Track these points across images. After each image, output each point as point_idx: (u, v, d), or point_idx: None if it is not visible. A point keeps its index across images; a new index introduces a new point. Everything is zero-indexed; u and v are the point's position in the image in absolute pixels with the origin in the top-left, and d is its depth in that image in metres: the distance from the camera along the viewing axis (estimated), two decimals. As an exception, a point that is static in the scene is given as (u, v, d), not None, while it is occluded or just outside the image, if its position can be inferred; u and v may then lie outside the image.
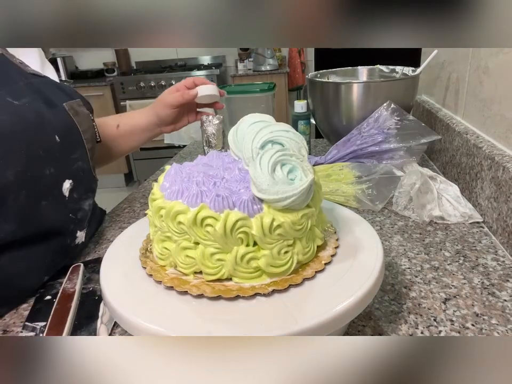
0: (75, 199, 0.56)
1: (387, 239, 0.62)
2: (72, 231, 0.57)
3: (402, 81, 0.90)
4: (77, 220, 0.58)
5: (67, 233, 0.56)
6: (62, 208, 0.54)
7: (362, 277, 0.37)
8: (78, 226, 0.58)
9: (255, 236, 0.36)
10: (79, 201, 0.57)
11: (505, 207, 0.57)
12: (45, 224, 0.52)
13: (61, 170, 0.54)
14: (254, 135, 0.41)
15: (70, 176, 0.55)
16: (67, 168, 0.55)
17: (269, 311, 0.34)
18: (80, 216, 0.58)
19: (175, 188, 0.39)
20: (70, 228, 0.57)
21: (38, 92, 0.54)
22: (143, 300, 0.37)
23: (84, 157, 0.58)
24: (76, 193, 0.56)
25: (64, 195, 0.54)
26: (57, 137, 0.52)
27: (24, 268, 0.51)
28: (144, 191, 0.91)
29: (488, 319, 0.44)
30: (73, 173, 0.56)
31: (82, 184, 0.58)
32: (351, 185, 0.73)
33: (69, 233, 0.57)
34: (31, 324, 0.46)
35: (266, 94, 0.98)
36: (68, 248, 0.57)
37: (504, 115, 0.63)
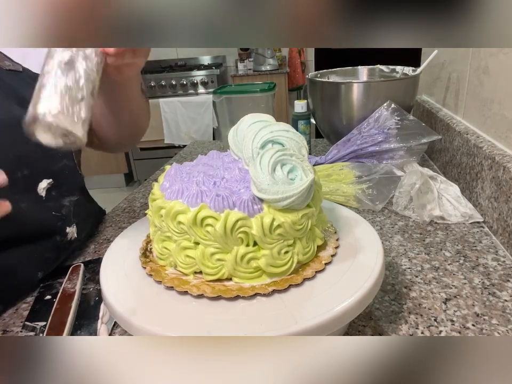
0: (54, 197, 0.56)
1: (387, 239, 0.62)
2: (60, 227, 0.57)
3: (403, 81, 0.90)
4: (63, 216, 0.57)
5: (55, 230, 0.56)
6: (42, 207, 0.54)
7: (362, 277, 0.37)
8: (65, 222, 0.58)
9: (255, 236, 0.36)
10: (60, 198, 0.57)
11: (505, 207, 0.57)
12: (29, 225, 0.52)
13: (37, 171, 0.53)
14: (254, 135, 0.40)
15: (49, 175, 0.55)
16: (46, 168, 0.55)
17: (269, 311, 0.34)
18: (64, 212, 0.58)
19: (175, 188, 0.39)
20: (58, 225, 0.57)
21: (12, 91, 0.52)
22: (143, 300, 0.37)
23: (69, 155, 0.58)
24: (55, 191, 0.56)
25: (40, 195, 0.53)
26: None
27: (13, 266, 0.51)
28: (144, 191, 0.91)
29: (489, 319, 0.44)
30: (54, 172, 0.56)
31: (65, 181, 0.58)
32: (351, 185, 0.73)
33: (58, 230, 0.57)
34: (31, 324, 0.46)
35: (266, 94, 0.97)
36: (59, 244, 0.57)
37: (504, 115, 0.63)
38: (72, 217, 0.60)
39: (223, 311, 0.35)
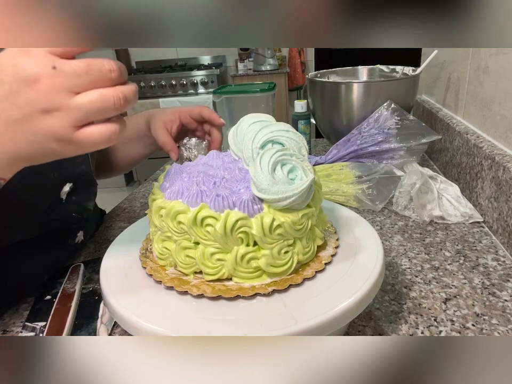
0: (73, 201, 0.56)
1: (387, 239, 0.62)
2: (74, 230, 0.58)
3: (403, 81, 0.90)
4: (83, 220, 0.59)
5: (68, 233, 0.57)
6: (61, 211, 0.54)
7: (362, 277, 0.37)
8: (80, 226, 0.59)
9: (255, 236, 0.36)
10: (79, 203, 0.58)
11: (505, 207, 0.57)
12: (47, 227, 0.52)
13: (64, 175, 0.54)
14: (254, 135, 0.40)
15: (71, 179, 0.55)
16: (70, 172, 0.55)
17: (269, 311, 0.34)
18: (86, 216, 0.59)
19: (175, 188, 0.39)
20: (72, 228, 0.57)
21: None
22: (143, 300, 0.37)
23: (86, 161, 0.59)
24: (74, 196, 0.56)
25: (61, 198, 0.54)
26: None
27: (25, 269, 0.51)
28: (144, 191, 0.91)
29: (489, 319, 0.44)
30: (75, 176, 0.56)
31: (83, 187, 0.58)
32: (351, 185, 0.73)
33: (70, 233, 0.57)
34: (31, 324, 0.46)
35: (266, 94, 0.97)
36: (67, 247, 0.57)
37: (504, 115, 0.63)
38: (86, 222, 0.61)
39: (223, 311, 0.35)
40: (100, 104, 0.29)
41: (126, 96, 0.30)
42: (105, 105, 0.29)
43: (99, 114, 0.29)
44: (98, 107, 0.29)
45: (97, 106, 0.29)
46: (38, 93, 0.27)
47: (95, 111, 0.29)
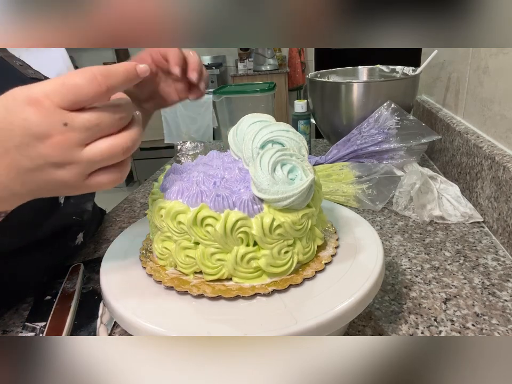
0: (72, 204, 0.56)
1: (387, 239, 0.62)
2: (74, 232, 0.58)
3: (403, 81, 0.90)
4: (83, 222, 0.58)
5: (68, 235, 0.57)
6: (61, 215, 0.54)
7: (362, 277, 0.37)
8: (80, 227, 0.59)
9: (255, 236, 0.36)
10: (78, 204, 0.58)
11: (505, 207, 0.57)
12: (47, 231, 0.52)
13: None
14: (254, 135, 0.40)
15: None
16: None
17: (269, 311, 0.34)
18: (86, 217, 0.59)
19: (175, 188, 0.39)
20: (73, 230, 0.57)
21: None
22: (143, 300, 0.37)
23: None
24: (72, 198, 0.56)
25: (59, 202, 0.54)
26: None
27: (25, 270, 0.51)
28: (144, 191, 0.91)
29: (489, 319, 0.44)
30: None
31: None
32: (351, 185, 0.73)
33: (70, 235, 0.57)
34: (31, 324, 0.46)
35: (266, 94, 0.97)
36: (67, 249, 0.57)
37: (504, 115, 0.63)
38: (87, 223, 0.61)
39: (223, 311, 0.35)
40: (109, 154, 0.30)
41: (134, 142, 0.31)
42: (115, 155, 0.30)
43: (108, 162, 0.30)
44: (108, 157, 0.30)
45: (106, 156, 0.30)
46: (50, 148, 0.28)
47: (105, 161, 0.30)
